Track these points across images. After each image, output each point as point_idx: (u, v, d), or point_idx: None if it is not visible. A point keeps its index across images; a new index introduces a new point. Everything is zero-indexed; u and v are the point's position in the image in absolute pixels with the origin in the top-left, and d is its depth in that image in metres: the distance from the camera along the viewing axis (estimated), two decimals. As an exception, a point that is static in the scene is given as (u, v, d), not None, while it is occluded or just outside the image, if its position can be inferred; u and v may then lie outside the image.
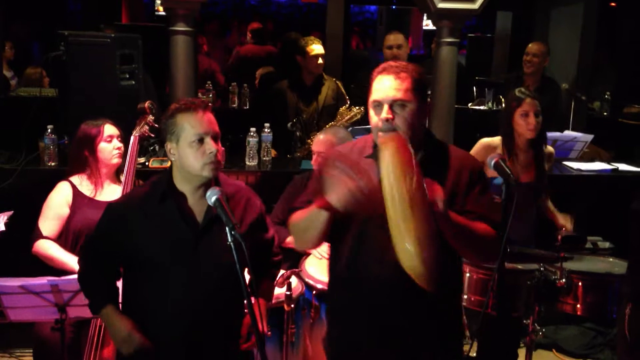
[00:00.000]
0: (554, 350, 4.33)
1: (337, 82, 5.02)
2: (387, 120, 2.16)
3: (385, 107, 2.17)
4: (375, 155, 2.17)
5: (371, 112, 2.23)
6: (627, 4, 7.78)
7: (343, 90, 4.96)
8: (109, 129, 3.34)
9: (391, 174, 2.02)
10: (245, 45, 7.84)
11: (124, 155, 3.35)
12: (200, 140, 2.29)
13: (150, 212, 2.37)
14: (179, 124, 2.31)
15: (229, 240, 2.08)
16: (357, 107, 4.81)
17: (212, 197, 2.19)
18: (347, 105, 4.86)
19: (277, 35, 8.49)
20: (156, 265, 2.35)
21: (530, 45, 5.39)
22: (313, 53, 4.86)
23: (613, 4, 8.21)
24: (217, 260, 2.32)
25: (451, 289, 2.32)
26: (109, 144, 3.32)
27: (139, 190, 2.64)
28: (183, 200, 2.38)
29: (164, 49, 4.54)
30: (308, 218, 2.21)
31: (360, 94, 5.32)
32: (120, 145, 3.35)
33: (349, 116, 4.81)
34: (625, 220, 2.67)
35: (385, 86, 2.18)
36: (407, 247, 2.00)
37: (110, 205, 2.52)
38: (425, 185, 2.03)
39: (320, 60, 4.88)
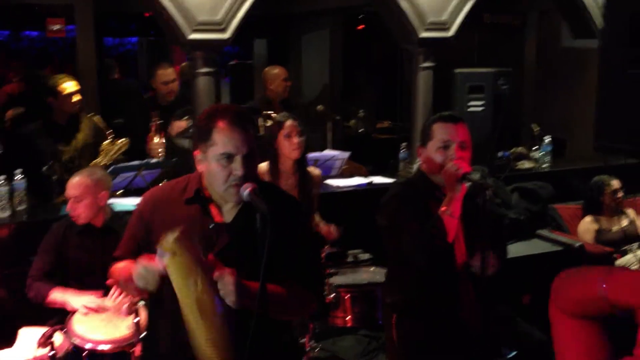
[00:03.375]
0: (335, 362, 4.52)
1: (94, 117, 4.80)
2: None
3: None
4: (197, 201, 2.16)
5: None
6: (374, 27, 8.44)
7: (102, 125, 4.76)
8: None
9: (174, 282, 1.95)
10: (9, 85, 7.27)
11: None
12: None
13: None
14: None
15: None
16: (120, 140, 4.66)
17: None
18: (109, 139, 4.68)
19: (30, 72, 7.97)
20: None
21: (275, 71, 5.63)
22: (66, 92, 4.62)
23: (360, 26, 8.85)
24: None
25: None
26: None
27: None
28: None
29: None
30: (120, 281, 2.21)
31: (133, 126, 5.21)
32: None
33: (113, 150, 4.63)
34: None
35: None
36: (200, 344, 1.94)
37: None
38: (217, 276, 1.97)
39: (75, 98, 4.66)
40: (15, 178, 4.17)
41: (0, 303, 1.93)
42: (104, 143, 4.67)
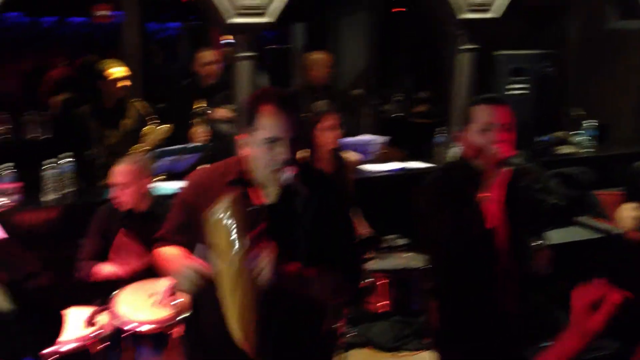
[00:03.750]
0: (368, 347, 4.54)
1: (138, 103, 4.92)
2: None
3: None
4: (242, 182, 2.19)
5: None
6: (410, 9, 8.35)
7: (145, 111, 4.87)
8: None
9: (217, 246, 1.99)
10: (55, 70, 7.47)
11: None
12: None
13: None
14: None
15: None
16: (162, 126, 4.76)
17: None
18: (152, 125, 4.78)
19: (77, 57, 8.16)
20: None
21: (319, 56, 5.60)
22: (114, 77, 4.75)
23: (397, 9, 8.76)
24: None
25: None
26: None
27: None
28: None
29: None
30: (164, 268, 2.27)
31: (175, 111, 5.31)
32: None
33: (154, 135, 4.74)
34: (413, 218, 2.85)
35: None
36: (232, 314, 1.99)
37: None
38: (259, 251, 2.00)
39: (121, 83, 4.78)
40: (64, 161, 4.29)
41: (49, 284, 2.00)
42: (146, 128, 4.77)
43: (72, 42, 9.25)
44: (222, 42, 7.94)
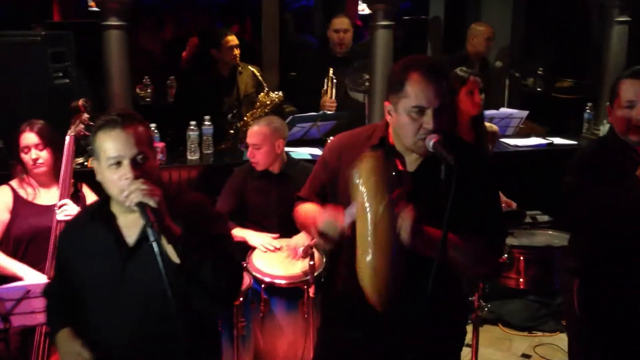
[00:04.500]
0: (499, 324, 4.44)
1: (254, 69, 5.02)
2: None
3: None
4: (384, 147, 2.17)
5: (406, 118, 2.10)
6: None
7: (260, 77, 4.97)
8: (25, 139, 3.23)
9: (359, 200, 1.98)
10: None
11: (60, 156, 3.26)
12: (118, 164, 2.00)
13: (88, 233, 2.17)
14: (98, 143, 2.03)
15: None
16: (275, 93, 4.83)
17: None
18: (265, 91, 4.85)
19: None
20: (87, 289, 2.15)
21: (481, 27, 5.53)
22: (228, 45, 4.90)
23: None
24: (145, 285, 2.07)
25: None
26: (26, 155, 3.23)
27: (87, 209, 2.47)
28: (113, 220, 2.14)
29: (98, 45, 4.44)
30: (303, 224, 2.33)
31: (304, 81, 5.36)
32: (39, 155, 3.23)
33: (268, 102, 4.80)
34: (561, 194, 2.73)
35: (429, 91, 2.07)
36: (364, 266, 1.97)
37: (60, 234, 2.41)
38: (398, 211, 1.97)
39: (235, 51, 4.93)
40: (205, 124, 4.46)
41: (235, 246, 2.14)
42: (260, 95, 4.87)
43: (212, 9, 9.52)
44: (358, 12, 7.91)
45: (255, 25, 6.56)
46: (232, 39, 4.93)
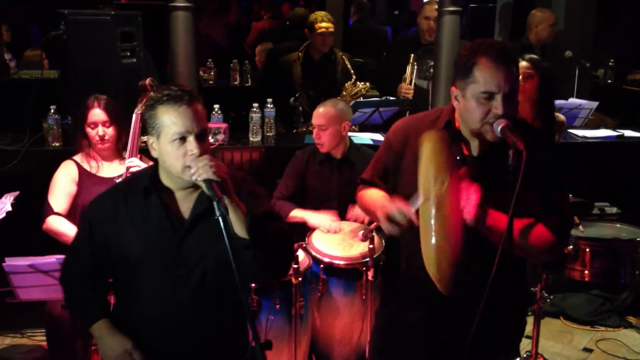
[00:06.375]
0: (561, 317, 4.33)
1: (345, 56, 5.01)
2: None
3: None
4: (448, 130, 2.15)
5: (474, 103, 2.06)
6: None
7: (350, 66, 4.95)
8: (94, 115, 3.34)
9: (423, 174, 1.97)
10: (260, 21, 7.85)
11: (127, 132, 3.34)
12: (182, 139, 1.99)
13: (133, 209, 2.13)
14: (159, 118, 2.01)
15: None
16: (362, 83, 4.83)
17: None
18: (352, 80, 4.85)
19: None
20: (141, 264, 2.11)
21: (543, 13, 5.42)
22: (320, 30, 4.89)
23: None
24: (202, 260, 2.10)
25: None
26: (92, 131, 3.35)
27: (120, 185, 2.38)
28: (168, 197, 2.12)
29: (164, 26, 4.51)
30: (367, 209, 2.32)
31: (386, 70, 5.30)
32: (106, 132, 3.33)
33: (354, 91, 4.81)
34: (632, 186, 2.64)
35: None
36: (428, 248, 1.96)
37: (91, 205, 2.25)
38: (463, 191, 1.96)
39: (327, 38, 4.92)
40: (267, 107, 4.48)
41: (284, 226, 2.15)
42: (347, 83, 4.85)
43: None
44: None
45: (320, 9, 6.53)
46: (325, 26, 4.91)
